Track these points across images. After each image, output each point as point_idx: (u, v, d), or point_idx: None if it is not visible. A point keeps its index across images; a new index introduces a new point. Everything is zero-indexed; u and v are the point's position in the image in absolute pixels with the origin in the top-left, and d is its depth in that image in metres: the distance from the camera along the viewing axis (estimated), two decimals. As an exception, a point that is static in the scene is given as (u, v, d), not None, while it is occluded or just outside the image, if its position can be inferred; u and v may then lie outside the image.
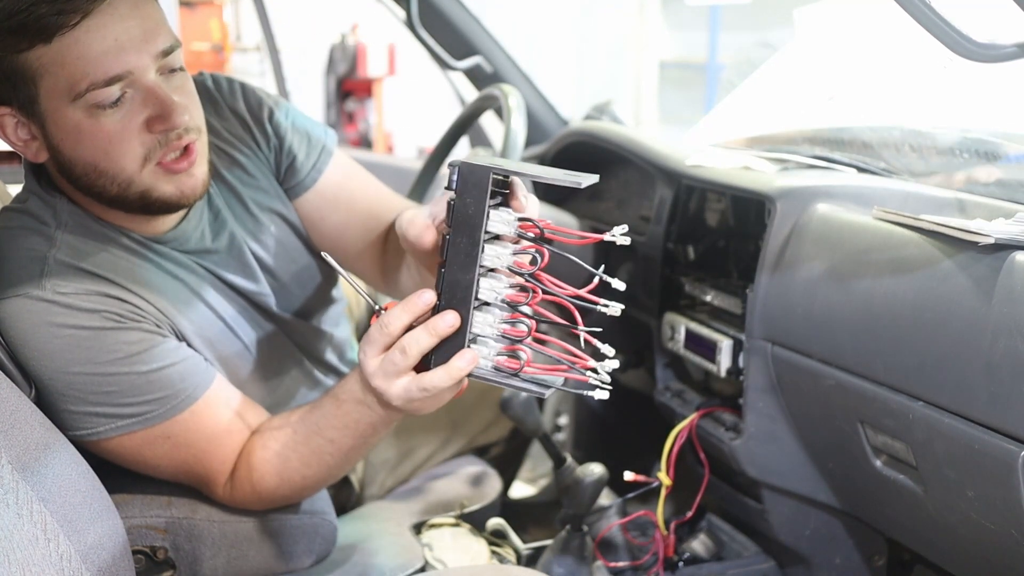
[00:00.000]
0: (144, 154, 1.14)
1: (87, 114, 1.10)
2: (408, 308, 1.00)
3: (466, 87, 2.51)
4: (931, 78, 1.65)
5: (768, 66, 2.09)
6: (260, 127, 1.38)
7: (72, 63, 1.08)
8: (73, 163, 1.15)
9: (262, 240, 1.36)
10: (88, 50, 1.07)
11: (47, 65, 1.08)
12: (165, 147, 1.15)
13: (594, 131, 2.06)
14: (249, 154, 1.37)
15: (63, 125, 1.12)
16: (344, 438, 1.15)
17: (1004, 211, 1.31)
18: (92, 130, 1.11)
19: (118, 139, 1.12)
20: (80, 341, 1.13)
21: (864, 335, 1.28)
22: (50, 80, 1.09)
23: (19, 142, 1.16)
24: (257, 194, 1.37)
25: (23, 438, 1.01)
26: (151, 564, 1.20)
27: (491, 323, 1.00)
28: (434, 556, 1.42)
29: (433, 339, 0.98)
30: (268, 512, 1.25)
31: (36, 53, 1.07)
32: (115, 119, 1.11)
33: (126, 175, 1.15)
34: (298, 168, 1.40)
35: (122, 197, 1.17)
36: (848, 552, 1.60)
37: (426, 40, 2.25)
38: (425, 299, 0.99)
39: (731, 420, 1.56)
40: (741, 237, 1.69)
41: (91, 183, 1.16)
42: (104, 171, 1.14)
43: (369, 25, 6.92)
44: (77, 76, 1.08)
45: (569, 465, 1.54)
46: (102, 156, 1.13)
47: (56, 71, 1.08)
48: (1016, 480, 1.07)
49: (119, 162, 1.14)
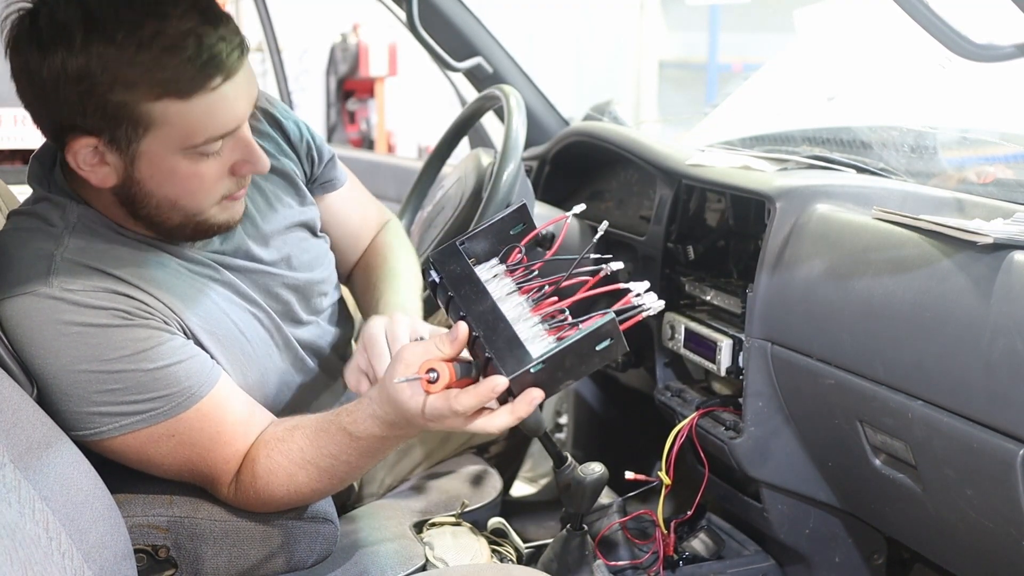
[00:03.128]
0: (224, 194, 1.19)
1: (189, 160, 1.13)
2: (447, 345, 1.01)
3: (467, 87, 2.51)
4: (930, 78, 1.65)
5: (768, 66, 2.10)
6: (294, 124, 1.43)
7: (198, 119, 1.10)
8: (149, 196, 1.16)
9: (274, 235, 1.36)
10: (217, 109, 1.10)
11: (171, 117, 1.09)
12: (240, 187, 1.20)
13: (594, 131, 2.06)
14: (274, 151, 1.39)
15: (160, 166, 1.13)
16: (361, 459, 1.16)
17: (1003, 211, 1.31)
18: (187, 173, 1.14)
19: (209, 183, 1.16)
20: (87, 338, 1.14)
21: (863, 334, 1.28)
22: (167, 130, 1.10)
23: (86, 167, 1.14)
24: (277, 190, 1.39)
25: (25, 437, 1.02)
26: (153, 563, 1.20)
27: (531, 328, 1.00)
28: (434, 555, 1.42)
29: (485, 401, 0.99)
30: (271, 513, 1.26)
31: (163, 104, 1.08)
32: (211, 165, 1.15)
33: (200, 209, 1.18)
34: (335, 165, 1.49)
35: (181, 227, 1.20)
36: (848, 551, 1.60)
37: (427, 41, 2.25)
38: (460, 329, 1.00)
39: (731, 419, 1.56)
40: (741, 237, 1.69)
41: (158, 214, 1.18)
42: (182, 207, 1.17)
43: (370, 25, 6.92)
44: (198, 130, 1.10)
45: (569, 464, 1.54)
46: (187, 195, 1.16)
47: (178, 124, 1.10)
48: (1015, 479, 1.07)
49: (201, 200, 1.17)
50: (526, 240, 1.06)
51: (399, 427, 1.08)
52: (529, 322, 0.99)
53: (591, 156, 2.09)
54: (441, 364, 0.99)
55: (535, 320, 0.99)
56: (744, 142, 1.95)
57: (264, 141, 1.39)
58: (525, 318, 1.00)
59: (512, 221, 1.07)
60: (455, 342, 1.00)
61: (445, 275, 1.03)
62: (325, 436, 1.16)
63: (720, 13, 6.88)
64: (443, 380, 0.98)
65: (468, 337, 1.00)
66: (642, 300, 0.98)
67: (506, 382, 0.95)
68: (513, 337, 0.96)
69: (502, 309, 0.99)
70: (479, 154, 1.83)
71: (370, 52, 7.00)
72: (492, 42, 2.33)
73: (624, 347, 0.94)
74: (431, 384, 0.98)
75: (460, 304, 1.01)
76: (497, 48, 2.34)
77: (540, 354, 0.94)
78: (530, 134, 1.90)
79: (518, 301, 1.01)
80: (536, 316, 1.00)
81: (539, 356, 0.94)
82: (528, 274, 1.04)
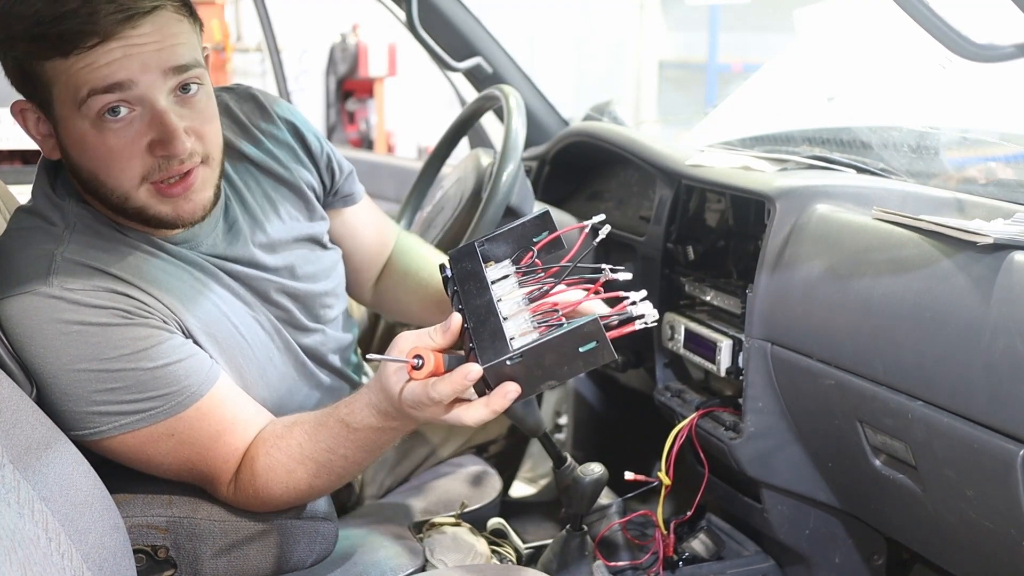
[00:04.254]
0: (142, 174, 1.16)
1: (93, 126, 1.13)
2: (439, 335, 1.02)
3: (466, 87, 2.51)
4: (930, 78, 1.65)
5: (768, 66, 2.09)
6: (315, 136, 1.45)
7: (79, 72, 1.10)
8: (79, 169, 1.18)
9: (277, 244, 1.36)
10: (97, 60, 1.10)
11: (60, 74, 1.11)
12: (165, 171, 1.17)
13: (594, 131, 2.06)
14: (288, 160, 1.41)
15: (72, 132, 1.15)
16: (358, 454, 1.16)
17: (1003, 211, 1.31)
18: (95, 143, 1.14)
19: (118, 155, 1.14)
20: (87, 337, 1.14)
21: (863, 335, 1.28)
22: (60, 88, 1.12)
23: (39, 136, 1.20)
24: (284, 200, 1.39)
25: (24, 437, 1.01)
26: (152, 563, 1.21)
27: (521, 322, 1.00)
28: (434, 556, 1.43)
29: (459, 389, 0.99)
30: (270, 513, 1.26)
31: (52, 63, 1.11)
32: (119, 136, 1.14)
33: (123, 190, 1.17)
34: (355, 179, 1.52)
35: (122, 208, 1.20)
36: (847, 551, 1.60)
37: (426, 41, 2.25)
38: (452, 319, 1.02)
39: (731, 420, 1.56)
40: (741, 237, 1.69)
41: (95, 189, 1.19)
42: (103, 182, 1.17)
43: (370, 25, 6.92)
44: (80, 83, 1.10)
45: (569, 465, 1.54)
46: (102, 168, 1.16)
47: (66, 80, 1.11)
48: (1015, 479, 1.07)
49: (117, 177, 1.16)
50: (541, 244, 1.08)
51: (392, 417, 1.08)
52: (521, 318, 1.00)
53: (591, 156, 2.09)
54: (428, 352, 1.00)
55: (528, 317, 1.00)
56: (744, 142, 1.95)
57: (280, 150, 1.40)
58: (518, 315, 1.00)
59: (535, 228, 1.09)
60: (447, 333, 1.01)
61: (456, 271, 1.07)
62: (323, 430, 1.16)
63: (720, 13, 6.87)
64: (427, 367, 0.99)
65: (460, 328, 1.01)
66: (637, 309, 0.98)
67: (480, 370, 0.95)
68: (498, 330, 0.97)
69: (499, 305, 1.01)
70: (479, 154, 1.83)
71: (369, 52, 7.00)
72: (492, 42, 2.33)
73: (611, 354, 0.93)
74: (416, 370, 0.99)
75: (461, 298, 1.03)
76: (497, 48, 2.34)
77: (518, 348, 0.94)
78: (530, 134, 1.90)
79: (517, 299, 1.02)
80: (531, 314, 1.00)
81: (515, 349, 0.94)
82: (537, 276, 1.05)
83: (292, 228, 1.39)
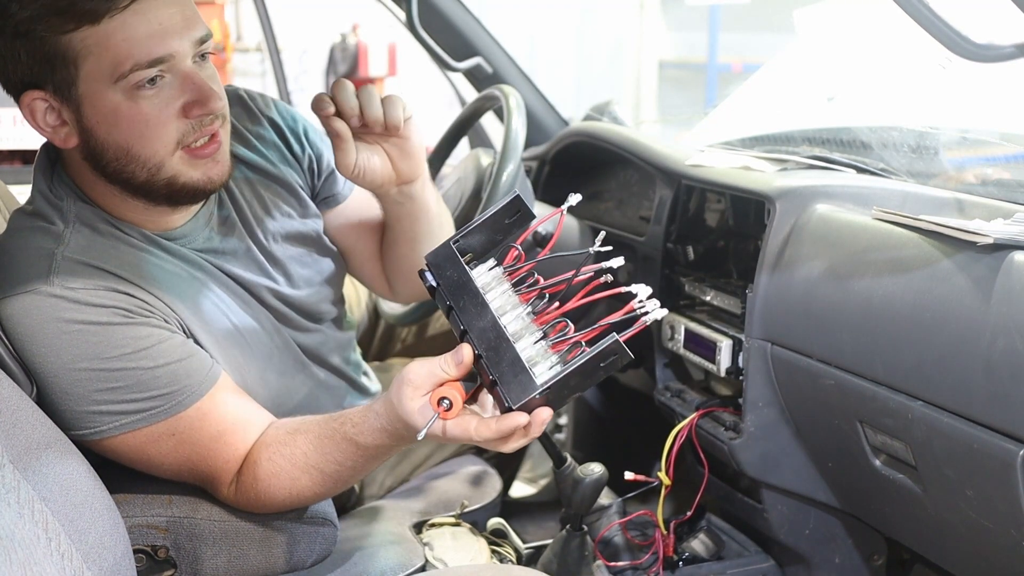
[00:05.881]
0: (177, 139, 1.17)
1: (127, 96, 1.13)
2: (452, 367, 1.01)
3: (466, 87, 2.51)
4: (930, 78, 1.65)
5: (768, 66, 2.09)
6: (296, 137, 1.43)
7: (117, 45, 1.10)
8: (105, 147, 1.17)
9: (271, 243, 1.36)
10: (135, 32, 1.10)
11: (91, 47, 1.10)
12: (199, 131, 1.18)
13: (594, 131, 2.06)
14: (277, 160, 1.40)
15: (101, 107, 1.14)
16: (367, 465, 1.17)
17: (1003, 211, 1.31)
18: (130, 113, 1.14)
19: (155, 122, 1.15)
20: (88, 336, 1.14)
21: (863, 335, 1.28)
22: (92, 62, 1.11)
23: (47, 128, 1.17)
24: (276, 199, 1.39)
25: (24, 437, 1.01)
26: (152, 563, 1.21)
27: (534, 344, 0.99)
28: (434, 556, 1.43)
29: (459, 371, 1.00)
30: (270, 514, 1.26)
31: (81, 34, 1.10)
32: (154, 103, 1.14)
33: (158, 159, 1.17)
34: (336, 180, 1.48)
35: (149, 183, 1.19)
36: (847, 551, 1.60)
37: (426, 41, 2.25)
38: (464, 352, 1.00)
39: (731, 420, 1.56)
40: (741, 237, 1.69)
41: (121, 168, 1.18)
42: (136, 155, 1.16)
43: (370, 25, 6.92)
44: (122, 57, 1.10)
45: (569, 465, 1.54)
46: (136, 139, 1.15)
47: (100, 53, 1.10)
48: (1015, 479, 1.07)
49: (153, 145, 1.16)
50: (522, 239, 1.06)
51: (409, 440, 1.08)
52: (531, 338, 0.99)
53: (591, 156, 2.09)
54: (451, 391, 1.00)
55: (537, 335, 0.99)
56: (744, 142, 1.95)
57: (268, 149, 1.40)
58: (527, 333, 1.00)
59: (506, 212, 1.06)
60: (460, 365, 1.00)
61: (443, 282, 1.03)
62: (330, 443, 1.15)
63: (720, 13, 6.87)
64: (456, 406, 1.00)
65: (472, 360, 1.00)
66: (645, 307, 0.98)
67: (527, 419, 0.97)
68: (516, 360, 0.97)
69: (504, 324, 0.99)
70: (479, 154, 1.83)
71: (369, 52, 7.00)
72: (491, 42, 2.33)
73: (628, 357, 0.94)
74: (447, 412, 1.00)
75: (460, 319, 1.01)
76: (497, 48, 2.34)
77: (544, 381, 0.96)
78: (530, 134, 1.90)
79: (519, 313, 1.01)
80: (538, 330, 1.00)
81: (543, 383, 0.95)
82: (527, 275, 1.04)
83: (285, 225, 1.39)
